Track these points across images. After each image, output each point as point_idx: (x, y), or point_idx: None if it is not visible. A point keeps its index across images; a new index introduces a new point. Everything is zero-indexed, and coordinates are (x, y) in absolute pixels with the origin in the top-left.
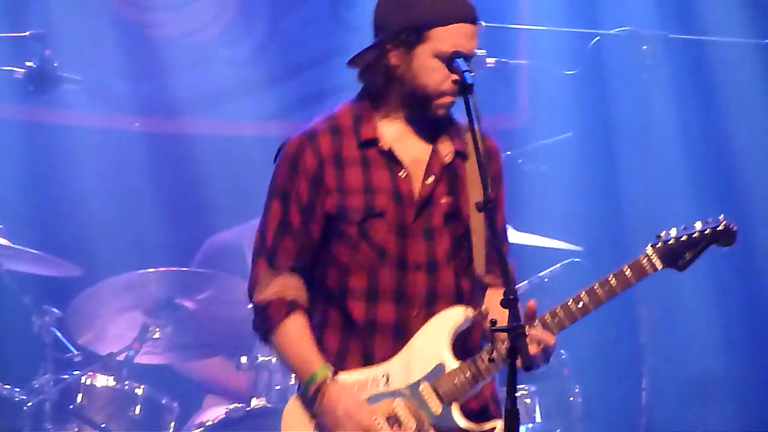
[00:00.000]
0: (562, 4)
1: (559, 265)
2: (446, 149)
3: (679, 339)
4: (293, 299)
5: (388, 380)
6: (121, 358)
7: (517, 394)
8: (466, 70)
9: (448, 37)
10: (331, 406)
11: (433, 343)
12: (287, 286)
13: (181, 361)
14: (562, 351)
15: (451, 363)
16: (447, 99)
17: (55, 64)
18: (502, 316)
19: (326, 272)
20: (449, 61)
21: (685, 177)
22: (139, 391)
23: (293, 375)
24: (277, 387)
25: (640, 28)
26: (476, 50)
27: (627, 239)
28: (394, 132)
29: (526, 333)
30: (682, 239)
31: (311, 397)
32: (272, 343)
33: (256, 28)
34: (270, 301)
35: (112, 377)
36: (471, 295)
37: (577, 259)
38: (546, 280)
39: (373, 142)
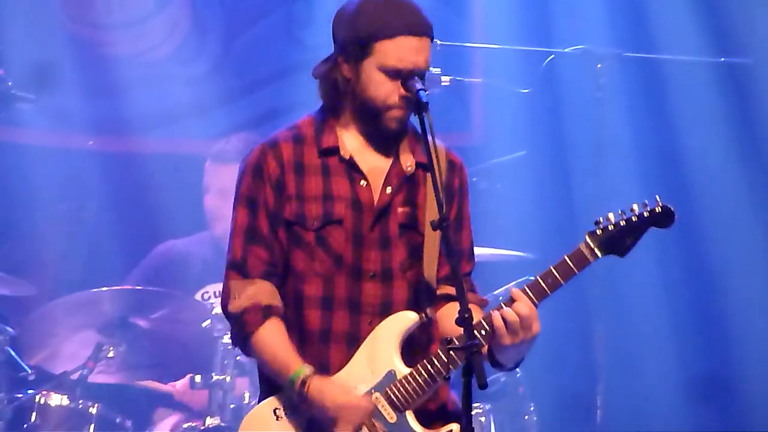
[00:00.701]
0: (517, 23)
1: (513, 283)
2: (408, 160)
3: (634, 356)
4: (268, 304)
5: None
6: (75, 376)
7: (472, 413)
8: (420, 89)
9: (392, 50)
10: (317, 400)
11: (382, 350)
12: (260, 292)
13: (135, 380)
14: (517, 370)
15: (402, 369)
16: (396, 113)
17: (10, 83)
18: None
19: (285, 280)
20: (403, 80)
21: (639, 194)
22: (93, 410)
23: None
24: (232, 406)
25: (594, 47)
26: (426, 65)
27: None
28: (355, 141)
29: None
30: (620, 224)
31: (297, 396)
32: (251, 349)
33: (209, 46)
34: (244, 308)
35: (66, 396)
36: (424, 305)
37: (532, 277)
38: (501, 298)
39: (333, 150)
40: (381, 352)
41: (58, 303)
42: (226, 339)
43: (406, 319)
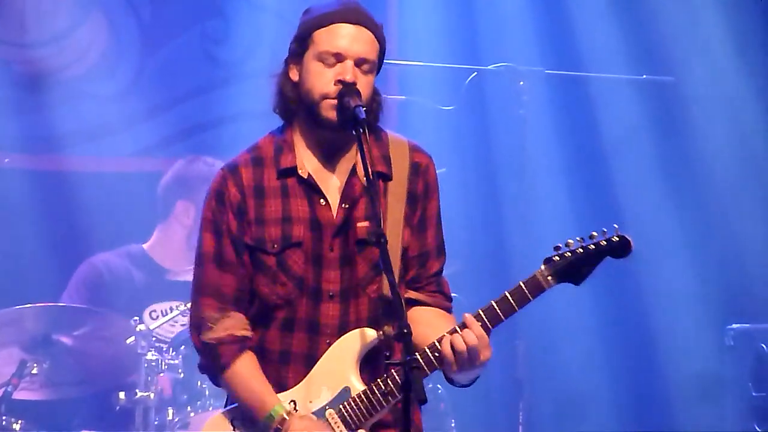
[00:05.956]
0: (440, 40)
1: None
2: (370, 173)
3: (557, 372)
4: (243, 336)
5: (295, 407)
6: None
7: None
8: (357, 105)
9: (327, 37)
10: None
11: (339, 366)
12: (236, 324)
13: (59, 396)
14: (438, 386)
15: (357, 387)
16: (332, 101)
17: None
18: (431, 334)
19: (251, 303)
20: (339, 95)
21: (563, 209)
22: (16, 427)
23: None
24: (156, 422)
25: (517, 64)
26: (364, 53)
27: (507, 273)
28: (314, 159)
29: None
30: (577, 252)
31: None
32: (224, 382)
33: (127, 63)
34: (220, 339)
35: None
36: (387, 319)
37: (455, 294)
38: None
39: (292, 170)
40: (338, 369)
41: None
42: (150, 356)
43: (364, 337)
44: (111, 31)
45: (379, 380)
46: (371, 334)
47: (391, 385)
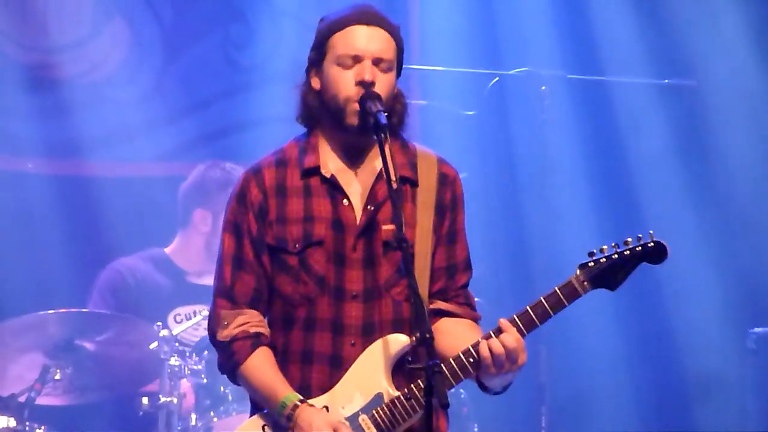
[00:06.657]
0: (461, 45)
1: None
2: (392, 175)
3: (579, 377)
4: (256, 332)
5: (327, 412)
6: (22, 399)
7: None
8: (379, 111)
9: (343, 41)
10: (304, 429)
11: (372, 372)
12: (249, 321)
13: (82, 402)
14: (461, 390)
15: (390, 392)
16: (355, 106)
17: None
18: (462, 346)
19: (271, 303)
20: (361, 101)
21: (586, 211)
22: None
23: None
24: (179, 428)
25: (538, 69)
26: (380, 53)
27: (529, 277)
28: (338, 161)
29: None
30: (612, 258)
31: (286, 422)
32: (240, 378)
33: (149, 68)
34: (234, 336)
35: (13, 418)
36: (412, 323)
37: (477, 299)
38: None
39: (315, 170)
40: (370, 374)
41: (5, 326)
42: (173, 361)
43: (397, 342)
44: (133, 36)
45: (412, 385)
46: (404, 339)
47: (416, 391)
